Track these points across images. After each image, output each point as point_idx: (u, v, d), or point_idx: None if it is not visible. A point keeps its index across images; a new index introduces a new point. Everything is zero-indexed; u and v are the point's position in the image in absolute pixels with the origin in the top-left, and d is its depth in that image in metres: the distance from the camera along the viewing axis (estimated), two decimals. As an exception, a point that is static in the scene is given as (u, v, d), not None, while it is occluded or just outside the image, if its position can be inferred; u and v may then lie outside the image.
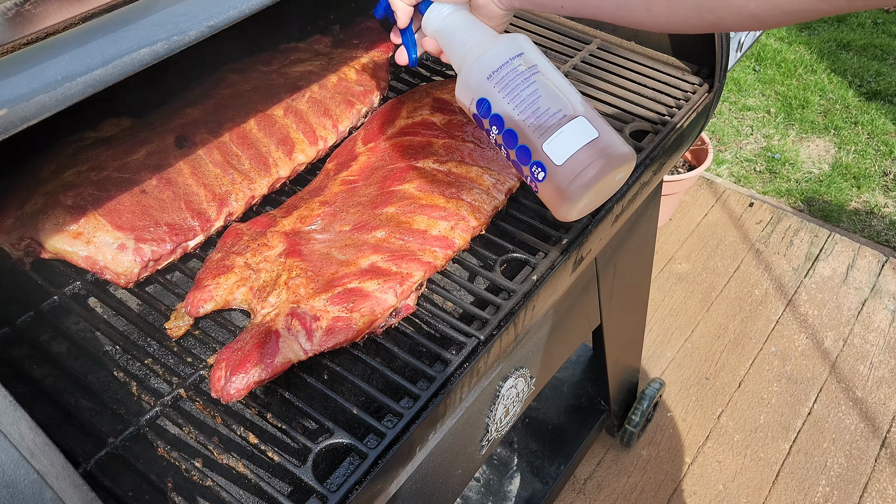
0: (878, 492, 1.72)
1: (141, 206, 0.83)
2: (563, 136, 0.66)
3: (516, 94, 0.68)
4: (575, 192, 0.67)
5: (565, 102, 0.68)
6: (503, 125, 0.69)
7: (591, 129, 0.67)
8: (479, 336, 0.76)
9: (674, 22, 0.61)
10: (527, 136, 0.68)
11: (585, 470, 1.76)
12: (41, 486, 0.45)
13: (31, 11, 0.57)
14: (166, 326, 0.77)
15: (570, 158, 0.66)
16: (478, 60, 0.70)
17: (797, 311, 2.12)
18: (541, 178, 0.68)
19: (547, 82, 0.68)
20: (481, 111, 0.70)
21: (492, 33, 0.72)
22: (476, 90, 0.70)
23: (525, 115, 0.67)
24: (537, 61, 0.70)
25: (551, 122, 0.66)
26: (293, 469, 0.65)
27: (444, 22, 0.73)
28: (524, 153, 0.68)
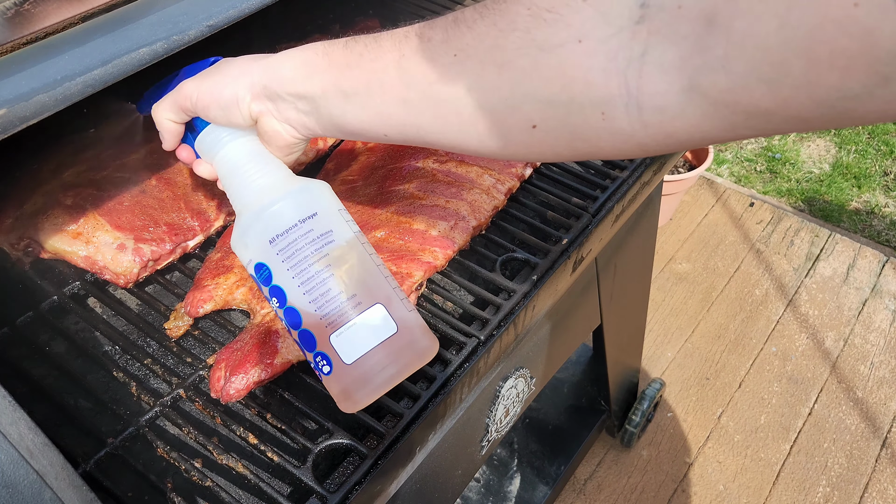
0: (878, 492, 1.72)
1: (140, 206, 0.83)
2: (356, 328, 0.55)
3: (303, 270, 0.55)
4: (363, 397, 0.56)
5: (363, 285, 0.56)
6: (285, 301, 0.56)
7: (390, 322, 0.55)
8: (479, 336, 0.76)
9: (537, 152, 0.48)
10: (312, 321, 0.56)
11: (586, 470, 1.76)
12: (40, 487, 0.45)
13: (30, 11, 0.57)
14: (166, 326, 0.77)
15: (362, 359, 0.55)
16: (258, 216, 0.56)
17: (798, 311, 2.12)
18: (326, 371, 0.56)
19: (342, 256, 0.56)
20: (260, 277, 0.57)
21: (281, 176, 0.59)
22: (254, 252, 0.57)
23: (312, 296, 0.55)
24: (333, 225, 0.57)
25: (343, 309, 0.55)
26: (293, 469, 0.65)
27: (221, 152, 0.60)
28: (308, 339, 0.56)
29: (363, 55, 0.52)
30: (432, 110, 0.49)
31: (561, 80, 0.42)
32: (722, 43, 0.36)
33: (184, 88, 0.59)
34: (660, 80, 0.39)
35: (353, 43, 0.53)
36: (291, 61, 0.55)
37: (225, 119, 0.58)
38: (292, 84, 0.54)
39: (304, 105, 0.55)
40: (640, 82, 0.40)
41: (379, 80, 0.50)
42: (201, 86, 0.58)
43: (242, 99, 0.56)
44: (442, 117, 0.49)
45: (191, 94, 0.58)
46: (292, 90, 0.54)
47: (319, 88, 0.53)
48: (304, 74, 0.54)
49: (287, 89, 0.55)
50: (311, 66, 0.54)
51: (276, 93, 0.55)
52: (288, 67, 0.55)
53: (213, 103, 0.57)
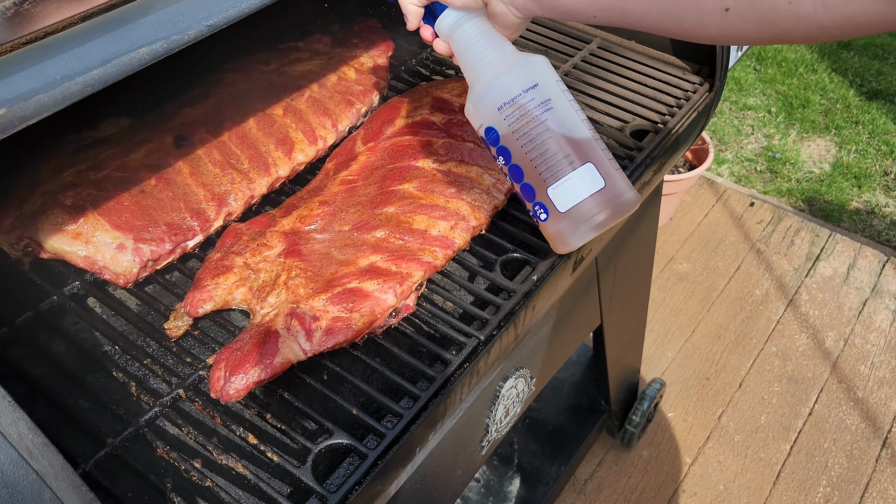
0: (878, 492, 1.72)
1: (140, 206, 0.83)
2: (569, 183, 0.64)
3: (525, 133, 0.65)
4: (575, 240, 0.66)
5: (575, 146, 0.65)
6: (510, 158, 0.67)
7: (598, 178, 0.65)
8: (479, 336, 0.76)
9: (727, 34, 0.55)
10: (532, 176, 0.66)
11: (586, 470, 1.76)
12: (40, 487, 0.45)
13: (30, 11, 0.56)
14: (165, 326, 0.77)
15: (574, 207, 0.65)
16: (489, 86, 0.67)
17: (798, 310, 2.11)
18: (542, 218, 0.67)
19: (559, 121, 0.65)
20: (489, 138, 0.68)
21: (508, 51, 0.68)
22: (485, 117, 0.68)
23: (532, 155, 0.65)
24: (551, 94, 0.66)
25: (558, 166, 0.64)
26: (293, 469, 0.65)
27: (458, 31, 0.69)
28: (528, 191, 0.67)
29: None
30: None
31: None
32: None
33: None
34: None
35: None
36: None
37: (461, 2, 0.67)
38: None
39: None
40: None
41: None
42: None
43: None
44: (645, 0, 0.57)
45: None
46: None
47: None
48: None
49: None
50: None
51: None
52: None
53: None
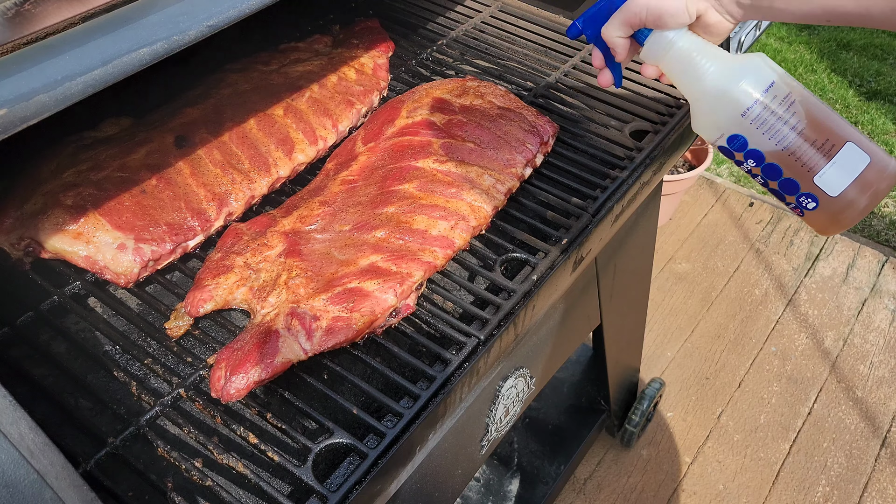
0: (878, 491, 1.72)
1: (141, 206, 0.83)
2: (836, 166, 0.64)
3: (777, 130, 0.65)
4: (853, 219, 0.65)
5: (830, 129, 0.64)
6: (763, 160, 0.66)
7: (862, 154, 0.64)
8: (479, 336, 0.76)
9: None
10: (793, 170, 0.65)
11: (585, 470, 1.76)
12: (41, 486, 0.45)
13: (30, 11, 0.57)
14: (166, 326, 0.77)
15: (847, 188, 0.64)
16: (725, 96, 0.66)
17: (797, 310, 2.12)
18: (811, 207, 0.66)
19: (805, 109, 0.65)
20: (734, 146, 0.67)
21: (728, 58, 0.68)
22: (727, 127, 0.67)
23: (790, 150, 0.64)
24: (789, 87, 0.66)
25: (820, 154, 0.64)
26: (293, 469, 0.65)
27: (671, 51, 0.68)
28: (790, 185, 0.66)
29: None
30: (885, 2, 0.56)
31: None
32: None
33: (632, 6, 0.68)
34: None
35: None
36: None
37: (674, 23, 0.67)
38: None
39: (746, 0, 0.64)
40: None
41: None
42: (650, 2, 0.66)
43: (690, 3, 0.66)
44: None
45: (640, 11, 0.67)
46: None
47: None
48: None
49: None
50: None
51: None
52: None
53: (663, 13, 0.66)
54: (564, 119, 1.03)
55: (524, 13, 1.24)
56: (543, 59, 1.14)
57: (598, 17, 0.73)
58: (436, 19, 1.24)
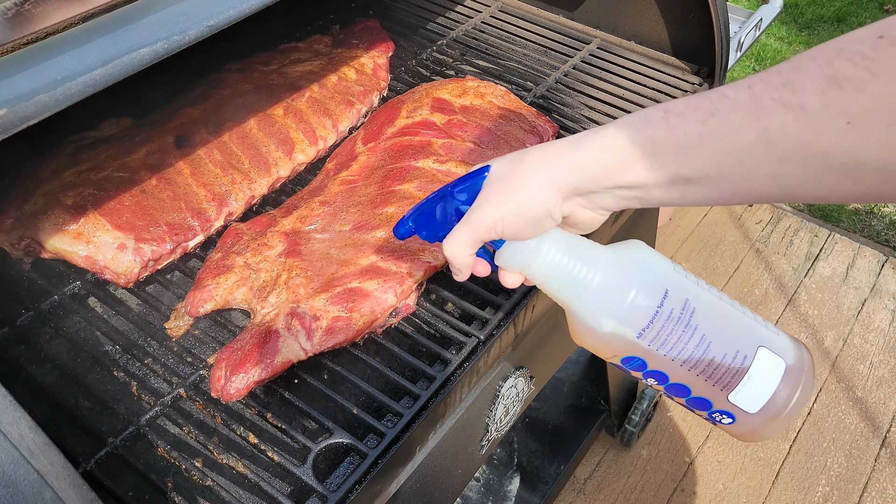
0: (878, 491, 1.72)
1: (141, 206, 0.83)
2: (751, 381, 0.55)
3: (680, 350, 0.55)
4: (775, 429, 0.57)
5: (738, 335, 0.55)
6: (666, 380, 0.57)
7: (777, 360, 0.55)
8: (479, 336, 0.76)
9: None
10: (704, 390, 0.56)
11: (585, 470, 1.76)
12: (41, 486, 0.45)
13: (30, 11, 0.57)
14: (166, 326, 0.77)
15: (767, 403, 0.55)
16: (615, 317, 0.55)
17: (797, 310, 2.12)
18: (726, 422, 0.57)
19: (708, 317, 0.55)
20: (631, 367, 0.58)
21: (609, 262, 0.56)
22: (620, 349, 0.56)
23: (697, 369, 0.55)
24: (686, 292, 0.56)
25: (733, 369, 0.55)
26: (293, 469, 0.65)
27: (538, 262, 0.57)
28: (701, 403, 0.57)
29: (703, 135, 0.47)
30: (816, 179, 0.45)
31: None
32: None
33: (481, 220, 0.55)
34: None
35: (676, 120, 0.48)
36: (601, 155, 0.51)
37: (536, 232, 0.55)
38: (609, 179, 0.52)
39: (626, 192, 0.52)
40: None
41: (737, 159, 0.46)
42: (504, 212, 0.54)
43: (554, 208, 0.54)
44: (828, 185, 0.45)
45: (494, 224, 0.55)
46: (610, 184, 0.52)
47: (649, 178, 0.50)
48: (620, 166, 0.51)
49: (604, 185, 0.52)
50: (628, 156, 0.50)
51: (589, 190, 0.53)
52: (598, 163, 0.51)
53: (524, 224, 0.54)
54: (564, 119, 1.03)
55: (524, 13, 1.24)
56: (543, 59, 1.14)
57: (437, 220, 0.61)
58: (436, 19, 1.24)
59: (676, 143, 0.48)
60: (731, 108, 0.46)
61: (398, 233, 0.62)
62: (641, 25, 1.16)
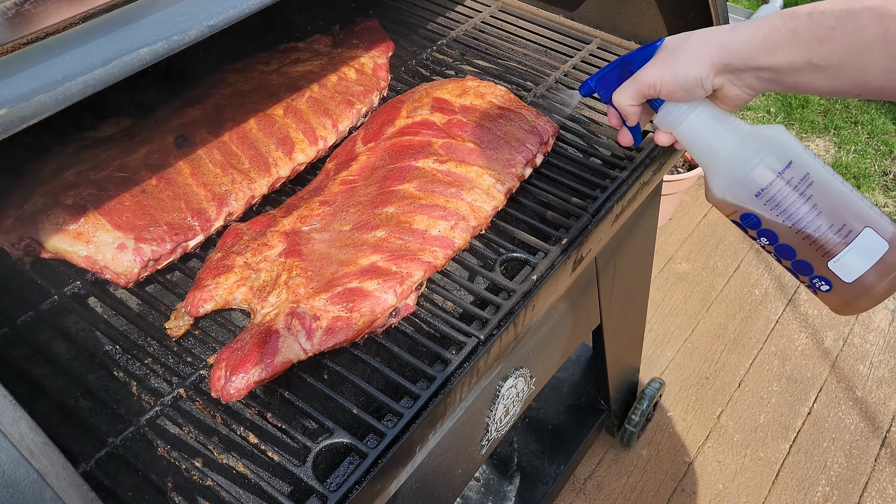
0: (878, 491, 1.72)
1: (141, 206, 0.83)
2: (851, 253, 0.61)
3: (792, 213, 0.62)
4: (867, 305, 0.63)
5: (848, 214, 0.62)
6: (777, 240, 0.64)
7: (881, 241, 0.61)
8: (479, 336, 0.76)
9: None
10: (807, 253, 0.63)
11: (585, 469, 1.76)
12: (41, 486, 0.45)
13: (31, 11, 0.57)
14: (166, 326, 0.77)
15: (863, 276, 0.61)
16: (740, 174, 0.63)
17: (797, 310, 2.12)
18: (824, 289, 0.64)
19: (823, 192, 0.62)
20: (748, 223, 0.65)
21: (746, 133, 0.64)
22: (741, 204, 0.64)
23: (805, 233, 0.62)
24: (808, 168, 0.62)
25: (836, 239, 0.61)
26: (293, 469, 0.65)
27: (685, 123, 0.66)
28: (803, 267, 0.64)
29: (835, 29, 0.55)
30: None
31: None
32: None
33: (645, 78, 0.65)
34: None
35: (818, 16, 0.56)
36: (751, 37, 0.60)
37: (688, 97, 0.64)
38: (755, 60, 0.60)
39: (766, 75, 0.61)
40: None
41: (859, 53, 0.55)
42: (664, 74, 0.64)
43: (706, 78, 0.63)
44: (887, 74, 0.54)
45: (654, 83, 0.64)
46: (755, 65, 0.60)
47: (785, 62, 0.59)
48: (766, 50, 0.59)
49: (750, 64, 0.61)
50: (773, 41, 0.59)
51: (738, 67, 0.61)
52: (748, 45, 0.60)
53: (678, 87, 0.63)
54: (564, 119, 1.04)
55: (524, 13, 1.24)
56: (543, 59, 1.14)
57: (611, 79, 0.71)
58: (436, 19, 1.24)
59: (813, 34, 0.57)
60: (862, 9, 0.54)
61: (582, 91, 0.74)
62: (641, 25, 1.16)
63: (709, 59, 0.62)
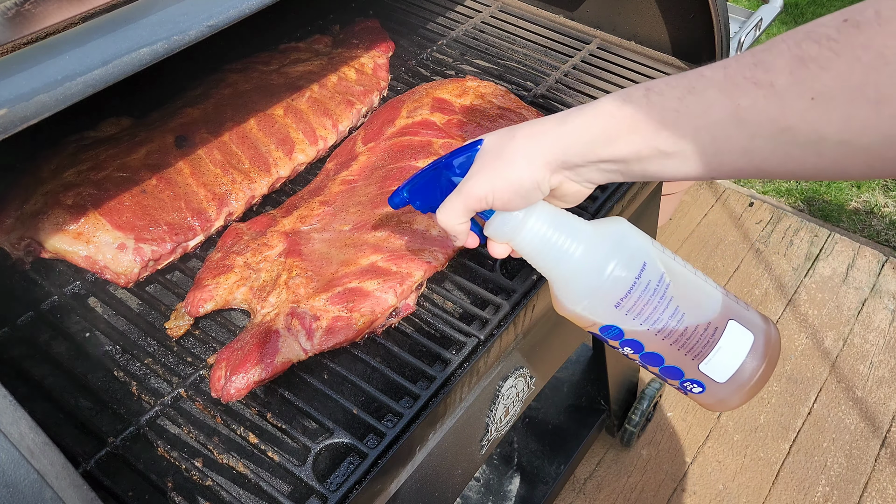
0: (878, 491, 1.72)
1: (141, 206, 0.83)
2: (721, 353, 0.58)
3: (655, 320, 0.58)
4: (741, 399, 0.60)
5: (710, 309, 0.59)
6: (641, 348, 0.60)
7: (746, 332, 0.59)
8: (479, 336, 0.76)
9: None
10: (676, 359, 0.59)
11: (585, 469, 1.76)
12: (41, 486, 0.45)
13: (31, 11, 0.57)
14: (166, 326, 0.77)
15: (735, 374, 0.59)
16: (594, 285, 0.58)
17: (797, 310, 2.12)
18: (697, 391, 0.61)
19: (682, 291, 0.59)
20: (608, 334, 0.61)
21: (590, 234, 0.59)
22: (599, 317, 0.59)
23: (671, 339, 0.58)
24: (662, 265, 0.59)
25: (703, 340, 0.58)
26: (293, 469, 0.65)
27: (522, 232, 0.59)
28: (672, 372, 0.61)
29: (679, 112, 0.49)
30: (782, 155, 0.47)
31: None
32: None
33: (473, 190, 0.58)
34: None
35: (657, 99, 0.51)
36: (586, 130, 0.54)
37: (524, 203, 0.58)
38: (594, 153, 0.54)
39: (609, 166, 0.55)
40: None
41: (711, 135, 0.49)
42: (494, 183, 0.57)
43: (543, 180, 0.56)
44: (796, 159, 0.47)
45: (485, 195, 0.58)
46: (594, 158, 0.55)
47: (629, 152, 0.53)
48: (604, 141, 0.53)
49: (589, 158, 0.55)
50: (611, 131, 0.53)
51: (575, 163, 0.56)
52: (584, 138, 0.54)
53: (513, 195, 0.57)
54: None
55: (524, 13, 1.24)
56: (543, 59, 1.14)
57: (429, 188, 0.63)
58: (436, 19, 1.24)
59: (656, 120, 0.51)
60: (706, 86, 0.48)
61: (393, 202, 0.65)
62: (641, 25, 1.16)
63: (542, 159, 0.56)
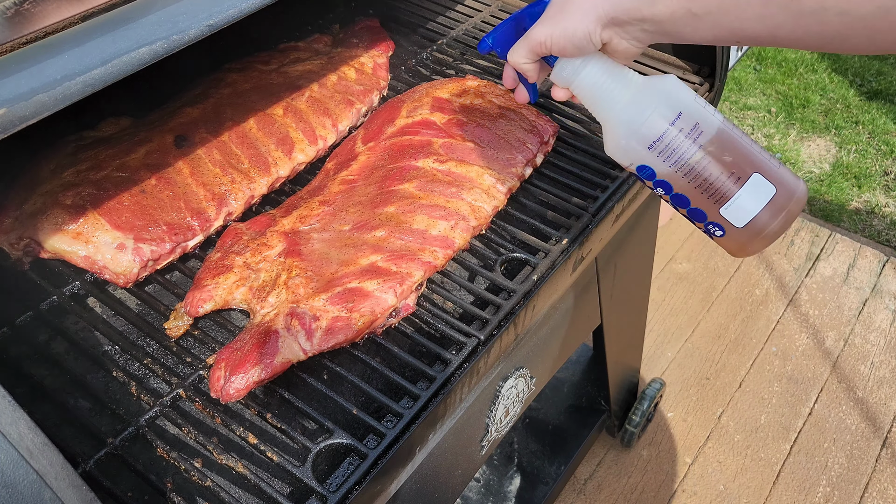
0: (878, 492, 1.72)
1: (140, 206, 0.83)
2: (741, 200, 0.63)
3: (683, 163, 0.64)
4: (760, 246, 0.66)
5: (737, 160, 0.64)
6: (671, 189, 0.66)
7: (769, 186, 0.63)
8: (479, 336, 0.76)
9: None
10: (700, 201, 0.65)
11: (586, 470, 1.76)
12: (40, 487, 0.45)
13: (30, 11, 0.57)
14: (166, 326, 0.77)
15: (752, 221, 0.64)
16: (632, 127, 0.65)
17: (798, 310, 2.11)
18: (718, 234, 0.66)
19: (713, 141, 0.64)
20: (643, 175, 0.67)
21: (638, 84, 0.66)
22: (635, 157, 0.66)
23: (696, 182, 0.64)
24: (697, 117, 0.64)
25: (726, 187, 0.64)
26: (293, 469, 0.65)
27: (578, 77, 0.66)
28: (697, 214, 0.66)
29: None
30: (792, 23, 0.54)
31: None
32: None
33: (536, 35, 0.66)
34: None
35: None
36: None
37: (578, 52, 0.65)
38: (638, 11, 0.61)
39: (650, 26, 0.62)
40: None
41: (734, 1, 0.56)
42: (554, 31, 0.64)
43: (594, 32, 0.63)
44: (803, 27, 0.54)
45: (545, 40, 0.65)
46: (639, 16, 0.62)
47: (667, 12, 0.60)
48: (647, 2, 0.61)
49: (634, 16, 0.62)
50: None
51: (623, 20, 0.62)
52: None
53: (568, 43, 0.64)
54: (564, 119, 1.03)
55: (524, 13, 1.23)
56: (544, 58, 1.14)
57: (506, 36, 0.71)
58: (436, 19, 1.23)
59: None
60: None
61: (480, 47, 0.74)
62: (642, 25, 1.15)
63: (595, 14, 0.63)
